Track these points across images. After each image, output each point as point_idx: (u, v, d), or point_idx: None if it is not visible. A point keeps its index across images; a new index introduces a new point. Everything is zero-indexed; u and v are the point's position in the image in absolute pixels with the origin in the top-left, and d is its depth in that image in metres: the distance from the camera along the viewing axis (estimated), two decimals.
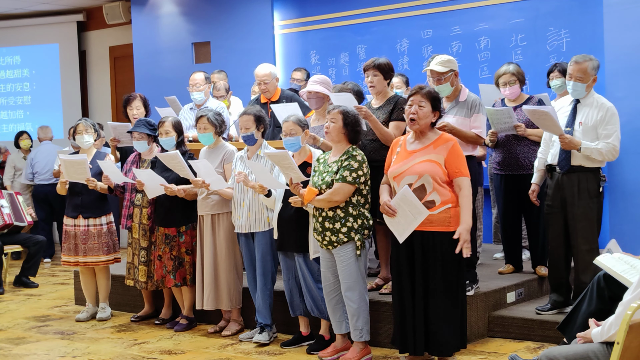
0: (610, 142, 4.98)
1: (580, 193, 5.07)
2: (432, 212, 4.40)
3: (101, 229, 6.37)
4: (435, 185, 4.41)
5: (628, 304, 3.29)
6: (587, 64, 5.02)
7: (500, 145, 5.96)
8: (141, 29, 10.27)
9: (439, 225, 4.41)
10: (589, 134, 5.03)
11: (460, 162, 4.48)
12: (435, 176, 4.40)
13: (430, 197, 4.41)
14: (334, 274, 4.91)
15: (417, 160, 4.47)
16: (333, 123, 4.83)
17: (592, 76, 5.04)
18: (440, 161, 4.43)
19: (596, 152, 4.98)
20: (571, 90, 5.10)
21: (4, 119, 11.99)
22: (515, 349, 5.10)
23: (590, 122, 5.03)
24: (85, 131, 6.39)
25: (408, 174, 4.45)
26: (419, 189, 4.42)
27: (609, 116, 5.01)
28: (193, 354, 5.39)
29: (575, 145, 4.98)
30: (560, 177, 5.14)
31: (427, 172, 4.41)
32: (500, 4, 7.61)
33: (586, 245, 5.08)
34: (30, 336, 6.09)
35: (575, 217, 5.09)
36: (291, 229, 5.13)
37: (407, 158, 4.52)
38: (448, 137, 4.55)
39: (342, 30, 8.71)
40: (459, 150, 4.51)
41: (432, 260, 4.43)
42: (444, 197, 4.41)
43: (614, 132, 5.00)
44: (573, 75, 5.04)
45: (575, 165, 5.07)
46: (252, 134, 5.46)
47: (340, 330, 5.01)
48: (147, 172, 5.81)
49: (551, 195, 5.21)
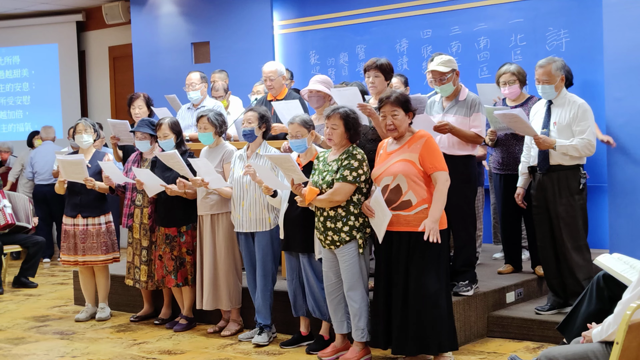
0: (585, 137, 5.05)
1: (561, 191, 5.14)
2: (409, 212, 4.49)
3: (100, 229, 6.37)
4: (410, 184, 4.47)
5: (627, 303, 3.29)
6: (550, 65, 5.14)
7: (500, 145, 5.98)
8: (140, 29, 10.26)
9: (416, 226, 4.48)
10: (564, 132, 5.11)
11: (435, 157, 4.52)
12: (409, 175, 4.48)
13: (406, 197, 4.50)
14: (335, 273, 4.91)
15: (393, 160, 4.56)
16: (334, 129, 4.82)
17: (558, 77, 5.14)
18: (414, 159, 4.50)
19: (572, 149, 5.05)
20: (541, 93, 5.23)
21: (3, 119, 11.98)
22: (515, 349, 5.10)
23: (564, 121, 5.13)
24: (85, 131, 6.39)
25: (385, 175, 4.57)
26: (395, 189, 4.51)
27: (581, 113, 5.09)
28: (192, 354, 5.39)
29: (550, 144, 5.07)
30: (541, 177, 5.23)
31: (401, 172, 4.49)
32: (500, 4, 7.60)
33: (572, 242, 5.15)
34: (30, 336, 6.08)
35: (559, 216, 5.16)
36: (297, 229, 5.13)
37: (385, 159, 4.64)
38: (421, 134, 4.61)
39: (341, 30, 8.70)
40: (432, 145, 4.55)
41: (409, 261, 4.50)
42: (420, 197, 4.48)
43: (588, 127, 5.07)
44: (540, 79, 5.17)
45: (554, 165, 5.15)
46: (253, 130, 5.46)
47: (342, 330, 5.01)
48: (145, 172, 5.81)
49: (535, 196, 5.29)
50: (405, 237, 4.52)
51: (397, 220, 4.53)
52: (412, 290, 4.50)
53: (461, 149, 5.23)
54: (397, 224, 4.53)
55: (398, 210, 4.52)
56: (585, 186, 5.20)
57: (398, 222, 4.53)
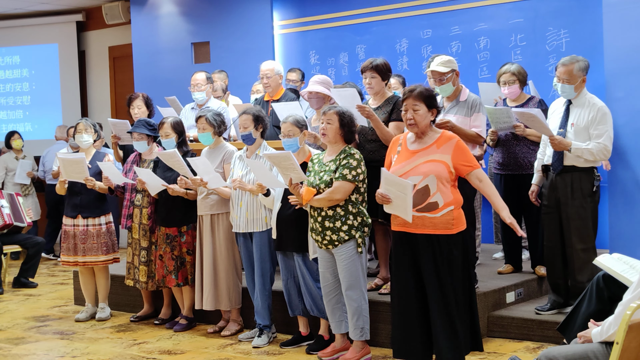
0: (601, 142, 5.01)
1: (574, 193, 5.10)
2: (435, 214, 4.26)
3: (100, 229, 6.37)
4: (439, 186, 4.26)
5: (627, 304, 3.29)
6: (573, 65, 5.08)
7: (500, 145, 5.97)
8: (140, 29, 10.26)
9: (442, 228, 4.26)
10: (581, 134, 5.07)
11: (468, 156, 4.34)
12: (441, 177, 4.26)
13: (433, 199, 4.26)
14: (332, 274, 4.91)
15: (422, 160, 4.32)
16: (329, 124, 4.82)
17: (579, 77, 5.09)
18: (447, 160, 4.29)
19: (587, 152, 5.01)
20: (560, 92, 5.18)
21: (3, 119, 11.98)
22: (515, 349, 5.10)
23: (582, 123, 5.07)
24: (85, 130, 6.39)
25: (412, 174, 4.29)
26: (423, 190, 4.27)
27: (600, 116, 5.04)
28: (192, 354, 5.39)
29: (566, 146, 5.02)
30: (554, 177, 5.19)
31: (433, 173, 4.26)
32: (500, 4, 7.60)
33: (581, 244, 5.11)
34: (30, 336, 6.08)
35: (569, 217, 5.12)
36: (290, 228, 5.13)
37: (409, 158, 4.37)
38: (450, 135, 4.41)
39: (341, 30, 8.70)
40: (463, 145, 4.37)
41: (436, 264, 4.27)
42: (447, 199, 4.27)
43: (605, 132, 5.02)
44: (560, 78, 5.11)
45: (568, 166, 5.11)
46: (250, 133, 5.46)
47: (340, 330, 5.01)
48: (146, 172, 5.81)
49: (546, 196, 5.26)
50: (432, 239, 4.27)
51: (422, 223, 4.28)
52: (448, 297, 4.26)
53: None
54: (422, 226, 4.28)
55: (424, 211, 4.27)
56: (598, 189, 5.15)
57: (423, 224, 4.28)
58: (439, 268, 4.26)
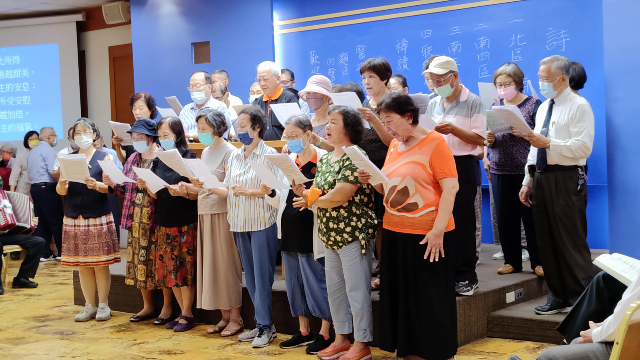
0: (580, 139, 5.04)
1: (558, 191, 5.15)
2: (414, 214, 4.40)
3: (101, 229, 6.37)
4: (417, 187, 4.38)
5: (627, 303, 3.29)
6: (552, 63, 5.13)
7: (498, 146, 5.97)
8: (140, 29, 10.26)
9: (421, 228, 4.39)
10: (561, 132, 5.12)
11: (445, 162, 4.41)
12: (418, 178, 4.38)
13: (412, 200, 4.40)
14: (338, 273, 4.91)
15: (403, 161, 4.48)
16: (334, 124, 4.82)
17: (558, 75, 5.13)
18: (424, 162, 4.40)
19: (565, 149, 5.05)
20: (540, 89, 5.24)
21: (3, 119, 11.99)
22: (515, 349, 5.10)
23: (562, 121, 5.12)
24: (84, 131, 6.39)
25: (393, 176, 4.48)
26: (402, 191, 4.42)
27: (580, 114, 5.07)
28: (192, 354, 5.39)
29: (544, 143, 5.08)
30: (539, 176, 5.23)
31: (409, 175, 4.39)
32: (500, 4, 7.60)
33: (571, 242, 5.15)
34: (30, 336, 6.08)
35: (556, 216, 5.17)
36: (295, 228, 5.13)
37: (395, 160, 4.57)
38: (434, 136, 4.50)
39: (341, 30, 8.70)
40: (444, 149, 4.45)
41: (414, 263, 4.41)
42: (427, 200, 4.38)
43: (584, 129, 5.05)
44: (540, 75, 5.18)
45: (552, 165, 5.15)
46: (246, 133, 5.45)
47: (343, 331, 5.00)
48: (146, 172, 5.81)
49: (534, 195, 5.31)
50: (410, 240, 4.42)
51: (401, 222, 4.44)
52: (419, 299, 4.39)
53: (461, 149, 5.22)
54: (401, 226, 4.45)
55: (404, 211, 4.43)
56: (584, 187, 5.18)
57: (403, 223, 4.44)
58: (415, 267, 4.41)
